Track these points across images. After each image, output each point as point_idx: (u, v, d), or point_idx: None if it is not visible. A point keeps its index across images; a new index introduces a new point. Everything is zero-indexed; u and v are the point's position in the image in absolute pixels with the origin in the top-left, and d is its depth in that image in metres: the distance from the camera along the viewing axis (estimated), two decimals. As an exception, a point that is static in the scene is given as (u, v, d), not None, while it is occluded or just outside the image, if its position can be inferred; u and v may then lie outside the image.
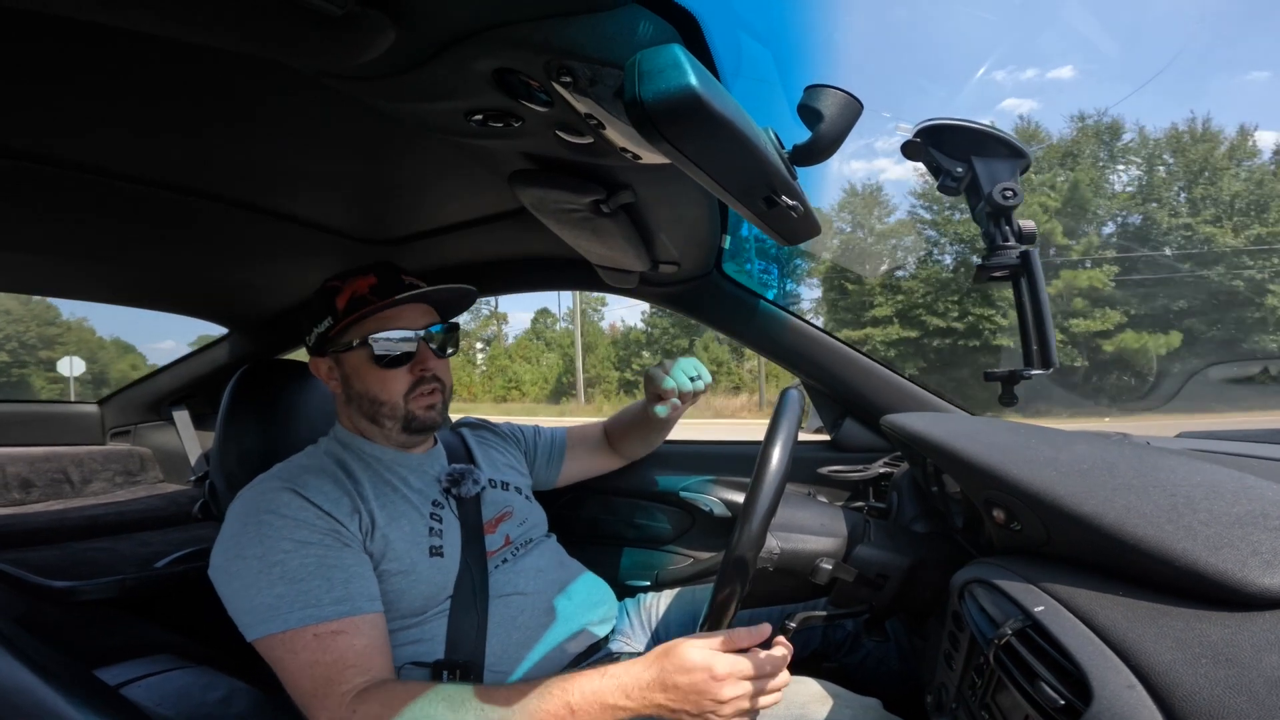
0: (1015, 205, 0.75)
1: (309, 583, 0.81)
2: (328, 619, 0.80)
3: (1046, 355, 0.76)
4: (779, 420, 0.86)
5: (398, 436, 1.03)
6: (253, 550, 0.82)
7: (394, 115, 0.68)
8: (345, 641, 0.80)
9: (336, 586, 0.82)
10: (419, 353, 1.01)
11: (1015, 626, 0.56)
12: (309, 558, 0.83)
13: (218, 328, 1.96)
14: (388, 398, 0.99)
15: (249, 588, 0.81)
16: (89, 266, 1.44)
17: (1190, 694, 0.41)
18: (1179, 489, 0.59)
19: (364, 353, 0.98)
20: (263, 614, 0.80)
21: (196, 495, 1.64)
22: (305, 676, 0.78)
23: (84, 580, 1.38)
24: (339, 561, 0.84)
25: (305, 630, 0.79)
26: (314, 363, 1.06)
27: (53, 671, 0.66)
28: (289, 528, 0.84)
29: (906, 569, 0.94)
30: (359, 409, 1.01)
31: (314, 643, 0.79)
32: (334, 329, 0.99)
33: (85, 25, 0.58)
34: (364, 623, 0.82)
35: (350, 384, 1.01)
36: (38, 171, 0.91)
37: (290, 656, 0.79)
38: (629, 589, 1.40)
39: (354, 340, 0.98)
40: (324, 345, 1.02)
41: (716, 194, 0.60)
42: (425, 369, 1.01)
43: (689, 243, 1.17)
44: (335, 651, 0.79)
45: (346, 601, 0.82)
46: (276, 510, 0.85)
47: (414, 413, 1.01)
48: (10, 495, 1.79)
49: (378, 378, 0.99)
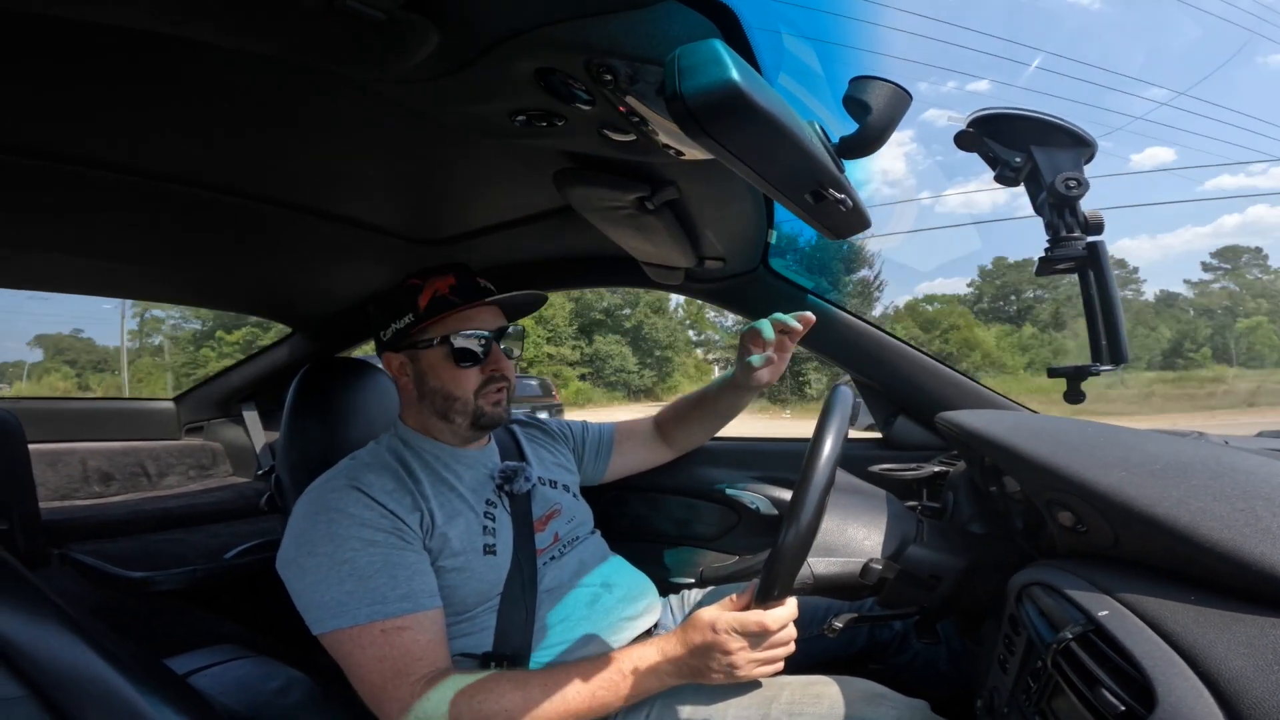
0: (1081, 195, 0.72)
1: (376, 580, 0.84)
2: (393, 615, 0.83)
3: (1117, 349, 0.72)
4: (828, 417, 0.84)
5: (465, 432, 1.06)
6: (323, 548, 0.86)
7: (441, 118, 0.70)
8: (410, 637, 0.83)
9: (401, 584, 0.85)
10: (491, 353, 1.05)
11: (1076, 631, 0.54)
12: (375, 556, 0.86)
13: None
14: (461, 394, 1.03)
15: (319, 583, 0.85)
16: (162, 270, 1.52)
17: (1259, 701, 0.39)
18: (1258, 491, 0.55)
19: (442, 350, 1.02)
20: (332, 609, 0.83)
21: (263, 489, 1.72)
22: (374, 670, 0.82)
23: (158, 571, 1.46)
24: (403, 560, 0.87)
25: (373, 626, 0.83)
26: (387, 358, 1.09)
27: (124, 661, 0.70)
28: (356, 526, 0.87)
29: (961, 570, 0.92)
30: (431, 404, 1.05)
31: (381, 638, 0.83)
32: (416, 326, 1.03)
33: (147, 35, 0.61)
34: (426, 619, 0.86)
35: (425, 380, 1.04)
36: (115, 180, 0.97)
37: (359, 651, 0.83)
38: (673, 586, 1.40)
39: (434, 338, 1.02)
40: (401, 341, 1.05)
41: (761, 188, 0.59)
42: (496, 368, 1.05)
43: (735, 238, 1.16)
44: (401, 646, 0.83)
45: (410, 599, 0.85)
46: (343, 509, 0.89)
47: (483, 409, 1.05)
48: (91, 488, 1.89)
49: (453, 375, 1.03)
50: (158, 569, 1.46)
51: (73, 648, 0.68)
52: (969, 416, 1.02)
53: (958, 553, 0.93)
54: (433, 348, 1.03)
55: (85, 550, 1.47)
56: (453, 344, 1.02)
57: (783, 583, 0.79)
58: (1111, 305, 0.72)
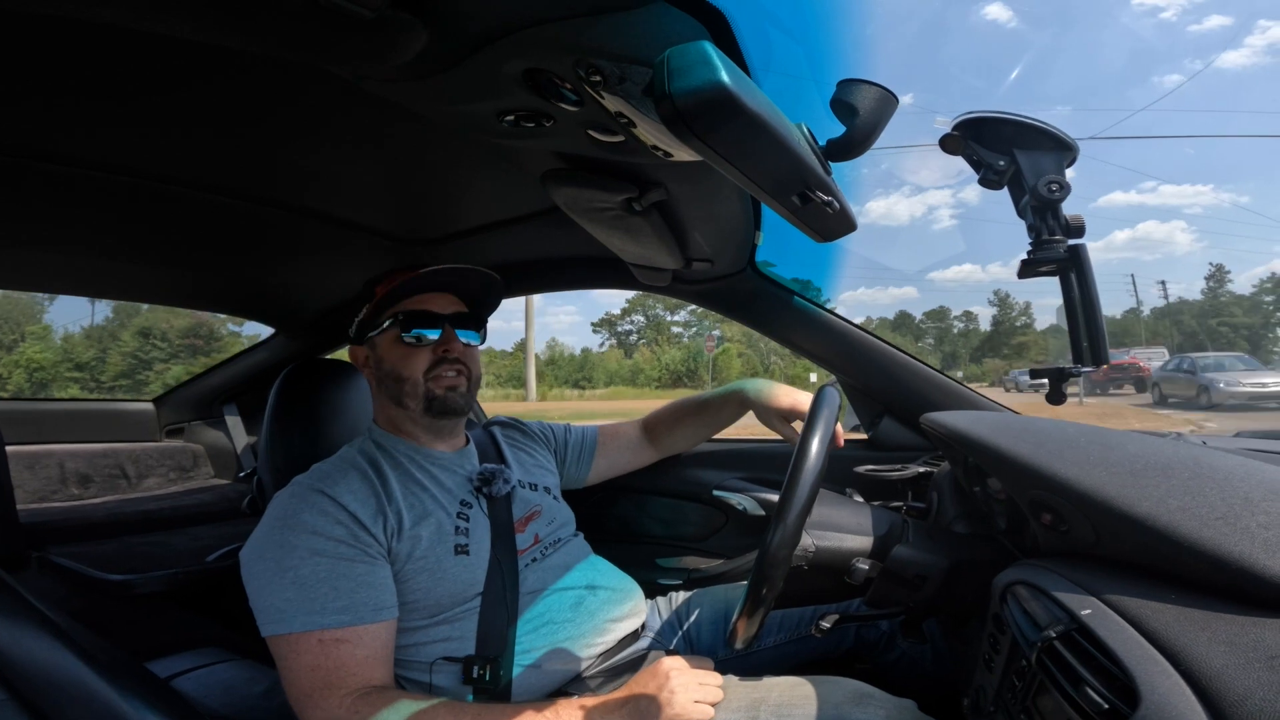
0: (1062, 198, 0.72)
1: (317, 589, 0.85)
2: (330, 626, 0.83)
3: (1098, 351, 0.73)
4: (815, 417, 0.85)
5: (422, 419, 1.06)
6: (272, 553, 0.87)
7: (429, 117, 0.70)
8: (347, 650, 0.83)
9: (343, 595, 0.85)
10: (444, 334, 1.06)
11: (1059, 629, 0.55)
12: (320, 566, 0.86)
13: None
14: (409, 374, 1.03)
15: (264, 588, 0.85)
16: (141, 269, 1.50)
17: (1241, 699, 0.39)
18: (1236, 490, 0.56)
19: (393, 332, 1.04)
20: (273, 614, 0.84)
21: (245, 491, 1.70)
22: (304, 678, 0.82)
23: (138, 573, 1.43)
24: (348, 571, 0.87)
25: (309, 635, 0.83)
26: (353, 353, 1.12)
27: (106, 664, 0.69)
28: (306, 535, 0.88)
29: (946, 570, 0.92)
30: (387, 392, 1.06)
31: (317, 648, 0.83)
32: (369, 312, 1.05)
33: (130, 33, 0.60)
34: (367, 633, 0.85)
35: (381, 365, 1.06)
36: (89, 177, 0.95)
37: (293, 657, 0.83)
38: (660, 588, 1.40)
39: (385, 321, 1.05)
40: (363, 333, 1.08)
41: (749, 190, 0.59)
42: (447, 349, 1.05)
43: (722, 240, 1.16)
44: (336, 658, 0.83)
45: (351, 611, 0.85)
46: (298, 515, 0.89)
47: (433, 391, 1.04)
48: (69, 490, 1.86)
49: (402, 354, 1.04)
50: (138, 572, 1.44)
51: (54, 651, 0.67)
52: (952, 417, 1.03)
53: (943, 552, 0.94)
54: (385, 331, 1.05)
55: (64, 553, 1.45)
56: (400, 322, 1.03)
57: (771, 584, 0.79)
58: (1093, 308, 0.73)
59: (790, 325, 1.45)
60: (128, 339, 29.78)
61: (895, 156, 62.71)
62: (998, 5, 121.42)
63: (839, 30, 1.24)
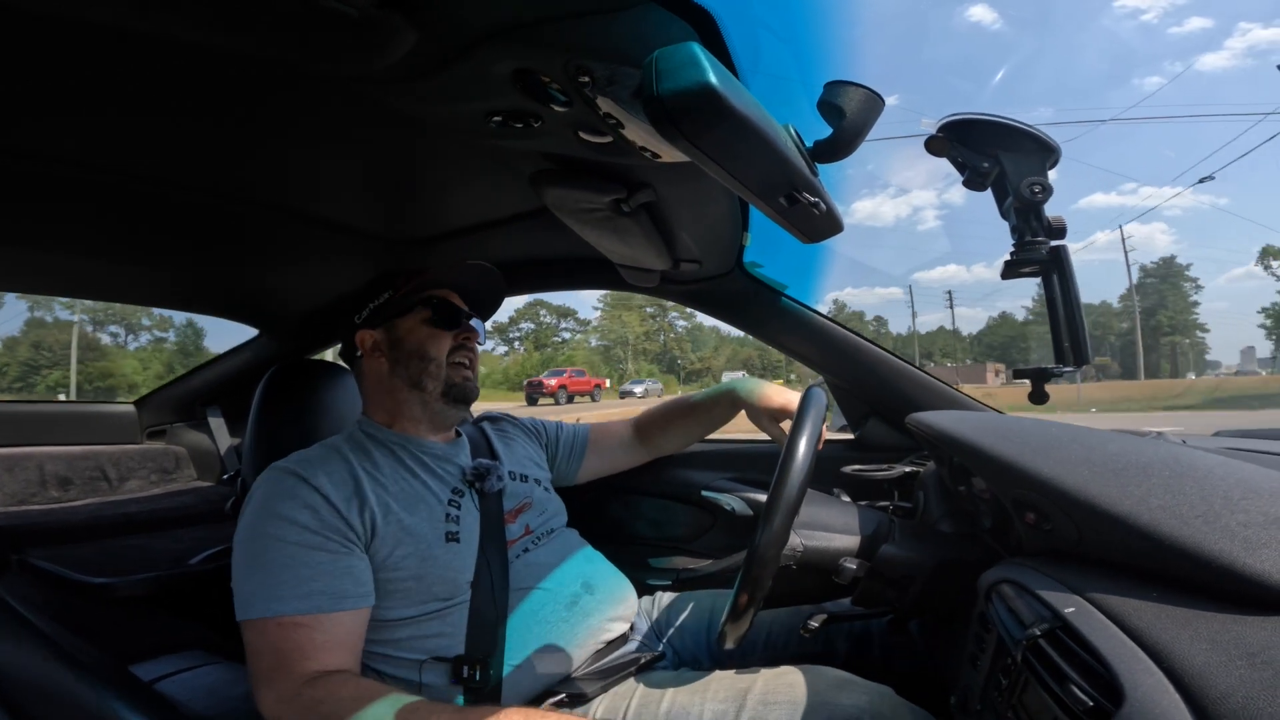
0: (1045, 200, 0.73)
1: (280, 575, 0.86)
2: (289, 613, 0.85)
3: (1079, 352, 0.74)
4: (802, 418, 0.85)
5: (436, 404, 1.09)
6: (246, 541, 0.89)
7: (417, 118, 0.69)
8: (305, 634, 0.84)
9: (304, 582, 0.86)
10: (465, 325, 1.12)
11: (1044, 627, 0.55)
12: (282, 553, 0.87)
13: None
14: (436, 354, 1.08)
15: (238, 574, 0.88)
16: (125, 270, 1.48)
17: (1223, 696, 0.40)
18: (1216, 489, 0.57)
19: (423, 312, 1.09)
20: (242, 599, 0.86)
21: (228, 493, 1.68)
22: (261, 660, 0.84)
23: (120, 576, 1.42)
24: (309, 559, 0.87)
25: (269, 620, 0.85)
26: (361, 336, 1.12)
27: (89, 668, 0.69)
28: (274, 522, 0.89)
29: (932, 569, 0.93)
30: (405, 372, 1.08)
31: (276, 631, 0.84)
32: (396, 294, 1.09)
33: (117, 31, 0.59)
34: (329, 620, 0.86)
35: (401, 345, 1.08)
36: (75, 177, 0.94)
37: (256, 638, 0.85)
38: (648, 588, 1.40)
39: (415, 301, 1.09)
40: (378, 316, 1.10)
41: (737, 191, 0.59)
42: (467, 337, 1.12)
43: (710, 241, 1.17)
44: (293, 641, 0.84)
45: (309, 599, 0.85)
46: (270, 501, 0.91)
47: (453, 379, 1.09)
48: (49, 493, 1.83)
49: (430, 334, 1.08)
50: (120, 574, 1.42)
51: (36, 654, 0.66)
52: (938, 417, 1.04)
53: (929, 552, 0.95)
54: (413, 311, 1.09)
55: (44, 556, 1.42)
56: (433, 303, 1.09)
57: (759, 584, 0.79)
58: (1074, 308, 0.74)
59: (777, 326, 1.46)
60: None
61: (881, 157, 63.46)
62: (981, 7, 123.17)
63: (826, 32, 1.24)
